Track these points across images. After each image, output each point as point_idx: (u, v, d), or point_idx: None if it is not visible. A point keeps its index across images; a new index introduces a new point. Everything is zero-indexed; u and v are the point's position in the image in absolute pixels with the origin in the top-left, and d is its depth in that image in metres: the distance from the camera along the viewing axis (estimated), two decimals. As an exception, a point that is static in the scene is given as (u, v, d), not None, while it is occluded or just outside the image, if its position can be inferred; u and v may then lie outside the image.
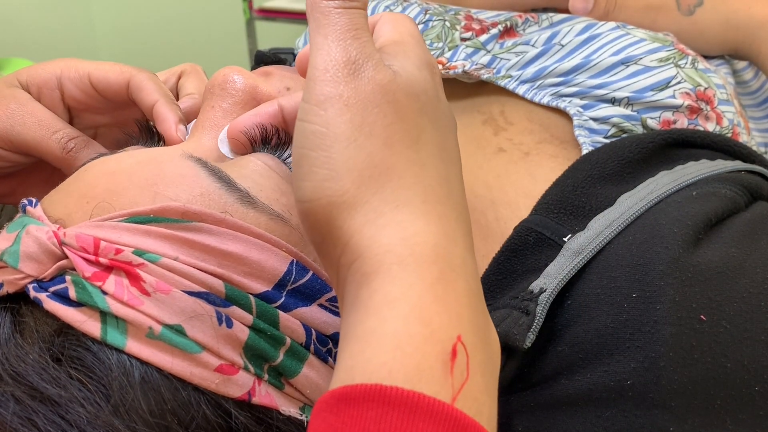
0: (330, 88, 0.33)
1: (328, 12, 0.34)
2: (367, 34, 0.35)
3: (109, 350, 0.34)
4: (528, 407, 0.44)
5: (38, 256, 0.36)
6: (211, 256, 0.37)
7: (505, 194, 0.53)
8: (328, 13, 0.34)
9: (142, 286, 0.35)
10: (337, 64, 0.34)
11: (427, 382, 0.28)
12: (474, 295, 0.33)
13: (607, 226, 0.46)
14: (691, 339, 0.40)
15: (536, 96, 0.56)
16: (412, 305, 0.30)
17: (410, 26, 0.39)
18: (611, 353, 0.41)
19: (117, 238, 0.36)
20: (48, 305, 0.35)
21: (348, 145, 0.33)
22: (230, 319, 0.36)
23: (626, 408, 0.40)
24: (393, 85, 0.34)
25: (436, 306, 0.30)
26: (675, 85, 0.53)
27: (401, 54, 0.36)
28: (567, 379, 0.43)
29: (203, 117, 0.45)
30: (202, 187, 0.39)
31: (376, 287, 0.31)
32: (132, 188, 0.38)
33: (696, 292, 0.41)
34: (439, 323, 0.30)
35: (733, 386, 0.39)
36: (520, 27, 0.62)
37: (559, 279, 0.44)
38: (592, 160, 0.50)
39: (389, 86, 0.34)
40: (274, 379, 0.37)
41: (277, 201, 0.40)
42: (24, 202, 0.39)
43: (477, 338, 0.31)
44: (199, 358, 0.35)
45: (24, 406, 0.33)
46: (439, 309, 0.30)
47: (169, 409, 0.34)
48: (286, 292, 0.38)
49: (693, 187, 0.47)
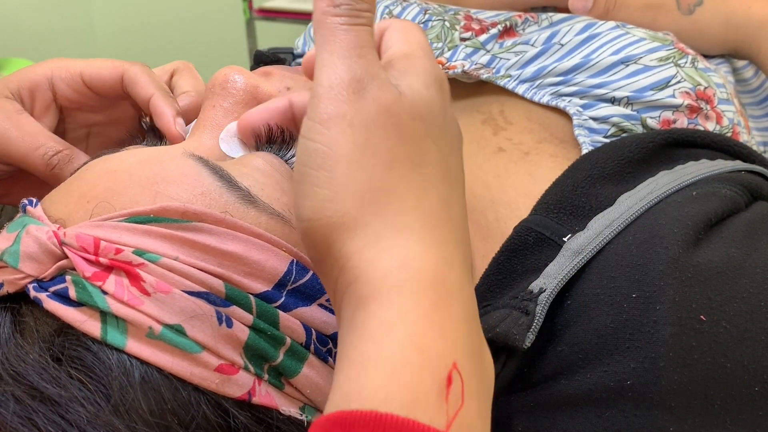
0: (334, 107, 0.33)
1: (334, 28, 0.34)
2: (372, 53, 0.34)
3: (109, 350, 0.34)
4: (528, 407, 0.44)
5: (38, 256, 0.36)
6: (211, 256, 0.37)
7: (504, 194, 0.53)
8: (335, 29, 0.34)
9: (142, 286, 0.35)
10: (342, 82, 0.33)
11: (422, 409, 0.28)
12: (470, 320, 0.33)
13: (607, 226, 0.46)
14: (690, 339, 0.40)
15: (536, 95, 0.57)
16: (408, 331, 0.30)
17: (420, 37, 0.38)
18: (611, 353, 0.41)
19: (117, 238, 0.36)
20: (48, 305, 0.35)
21: (350, 166, 0.32)
22: (230, 319, 0.36)
23: (626, 408, 0.40)
24: (397, 106, 0.34)
25: (432, 332, 0.30)
26: (675, 84, 0.53)
27: (410, 70, 0.36)
28: (567, 380, 0.43)
29: (204, 116, 0.45)
30: (203, 186, 0.39)
31: (372, 311, 0.31)
32: (133, 187, 0.38)
33: (696, 292, 0.41)
34: (435, 349, 0.30)
35: (733, 386, 0.40)
36: (519, 27, 0.62)
37: (559, 279, 0.44)
38: (592, 159, 0.50)
39: (393, 107, 0.34)
40: (274, 378, 0.37)
41: (278, 200, 0.40)
42: (24, 202, 0.39)
43: (472, 364, 0.31)
44: (199, 357, 0.35)
45: (24, 405, 0.33)
46: (435, 335, 0.30)
47: (169, 409, 0.34)
48: (286, 292, 0.38)
49: (693, 187, 0.47)
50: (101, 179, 0.39)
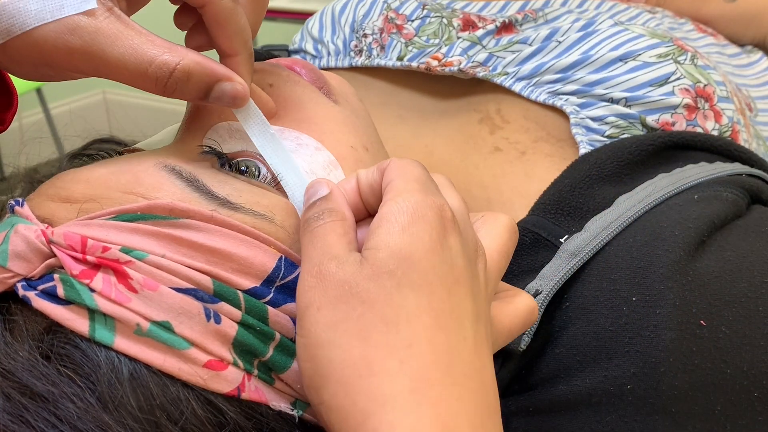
0: (304, 298, 0.35)
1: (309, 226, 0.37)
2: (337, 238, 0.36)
3: (98, 347, 0.35)
4: (527, 411, 0.44)
5: (27, 255, 0.36)
6: (198, 253, 0.37)
7: (500, 194, 0.53)
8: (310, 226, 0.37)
9: (129, 284, 0.35)
10: (309, 272, 0.35)
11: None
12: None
13: (605, 227, 0.46)
14: (691, 344, 0.40)
15: (532, 94, 0.56)
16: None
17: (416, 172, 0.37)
18: (610, 357, 0.41)
19: (104, 236, 0.36)
20: (36, 303, 0.35)
21: (324, 348, 0.33)
22: (218, 315, 0.36)
23: (626, 413, 0.40)
24: (354, 275, 0.34)
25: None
26: (674, 81, 0.53)
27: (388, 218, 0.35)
28: (565, 383, 0.43)
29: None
30: (181, 195, 0.38)
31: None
32: (111, 192, 0.38)
33: (696, 296, 0.41)
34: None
35: (733, 392, 0.40)
36: (518, 24, 0.62)
37: (555, 281, 0.44)
38: (591, 160, 0.50)
39: (350, 278, 0.34)
40: (264, 374, 0.37)
41: (258, 203, 0.40)
42: (11, 202, 0.40)
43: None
44: (187, 354, 0.35)
45: (14, 402, 0.33)
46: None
47: (158, 405, 0.34)
48: (275, 288, 0.38)
49: (693, 190, 0.47)
50: (77, 186, 0.39)
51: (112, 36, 0.38)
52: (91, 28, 0.38)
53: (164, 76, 0.39)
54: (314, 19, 0.71)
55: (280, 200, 0.40)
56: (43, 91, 2.30)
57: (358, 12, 0.67)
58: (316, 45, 0.69)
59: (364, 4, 0.67)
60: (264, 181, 0.41)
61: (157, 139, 0.47)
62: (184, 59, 0.39)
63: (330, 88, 0.48)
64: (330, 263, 0.35)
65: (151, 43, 0.39)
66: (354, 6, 0.68)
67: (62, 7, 0.37)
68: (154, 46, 0.39)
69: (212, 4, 0.40)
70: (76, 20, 0.37)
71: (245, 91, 0.41)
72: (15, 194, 0.44)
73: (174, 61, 0.39)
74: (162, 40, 0.39)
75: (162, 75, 0.38)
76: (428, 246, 0.34)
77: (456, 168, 0.57)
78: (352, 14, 0.67)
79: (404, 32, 0.64)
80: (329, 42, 0.68)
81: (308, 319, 0.34)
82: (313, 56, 0.69)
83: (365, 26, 0.66)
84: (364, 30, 0.66)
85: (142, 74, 0.38)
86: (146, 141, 0.48)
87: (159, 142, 0.46)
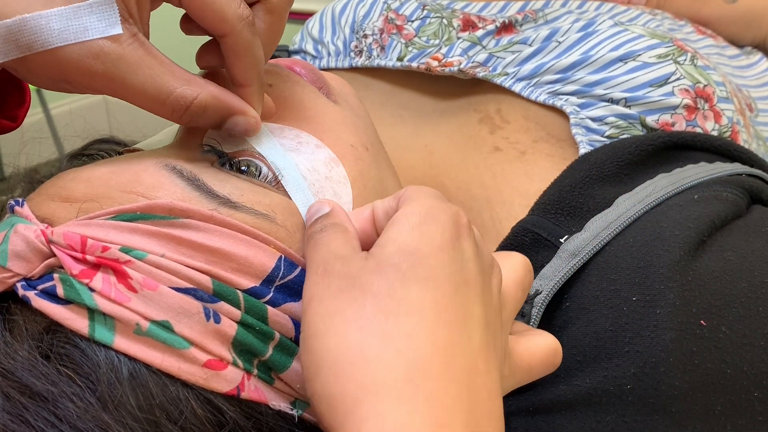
0: (308, 293, 0.35)
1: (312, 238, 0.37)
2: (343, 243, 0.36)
3: (97, 347, 0.35)
4: (527, 411, 0.44)
5: (26, 255, 0.36)
6: (198, 253, 0.37)
7: (500, 194, 0.53)
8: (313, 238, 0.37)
9: (129, 283, 0.35)
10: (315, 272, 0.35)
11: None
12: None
13: (605, 227, 0.46)
14: (691, 345, 0.40)
15: (532, 94, 0.56)
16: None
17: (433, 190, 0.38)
18: (610, 357, 0.41)
19: (104, 236, 0.36)
20: (36, 303, 0.35)
21: (320, 338, 0.33)
22: (218, 314, 0.36)
23: (626, 413, 0.40)
24: (361, 270, 0.34)
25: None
26: (674, 81, 0.53)
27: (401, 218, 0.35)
28: (565, 383, 0.43)
29: None
30: (182, 195, 0.38)
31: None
32: (111, 192, 0.38)
33: (696, 296, 0.41)
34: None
35: (733, 392, 0.40)
36: (518, 24, 0.62)
37: (555, 281, 0.44)
38: (591, 160, 0.50)
39: (356, 272, 0.34)
40: (264, 373, 0.37)
41: (260, 203, 0.40)
42: (11, 202, 0.40)
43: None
44: (187, 353, 0.35)
45: (14, 402, 0.33)
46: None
47: (157, 405, 0.34)
48: (274, 288, 0.38)
49: (693, 190, 0.47)
50: (77, 186, 0.39)
51: (135, 64, 0.38)
52: (115, 55, 0.37)
53: (181, 108, 0.39)
54: (314, 19, 0.71)
55: (282, 199, 0.41)
56: (44, 91, 2.30)
57: (358, 12, 0.67)
58: (316, 45, 0.69)
59: (364, 4, 0.67)
60: (265, 180, 0.41)
61: (157, 139, 0.47)
62: (202, 93, 0.39)
63: (330, 89, 0.49)
64: (336, 262, 0.35)
65: (171, 74, 0.39)
66: (354, 6, 0.68)
67: (86, 29, 0.37)
68: (173, 78, 0.39)
69: (233, 36, 0.40)
70: (101, 45, 0.37)
71: (258, 124, 0.42)
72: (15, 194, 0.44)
73: (192, 95, 0.39)
74: (182, 70, 0.40)
75: (179, 107, 0.39)
76: (438, 244, 0.34)
77: (456, 168, 0.57)
78: (352, 15, 0.67)
79: (404, 33, 0.64)
80: (329, 42, 0.68)
81: (310, 311, 0.34)
82: (313, 57, 0.69)
83: (365, 27, 0.66)
84: (364, 30, 0.66)
85: (160, 104, 0.39)
86: (146, 141, 0.48)
87: (159, 142, 0.46)
